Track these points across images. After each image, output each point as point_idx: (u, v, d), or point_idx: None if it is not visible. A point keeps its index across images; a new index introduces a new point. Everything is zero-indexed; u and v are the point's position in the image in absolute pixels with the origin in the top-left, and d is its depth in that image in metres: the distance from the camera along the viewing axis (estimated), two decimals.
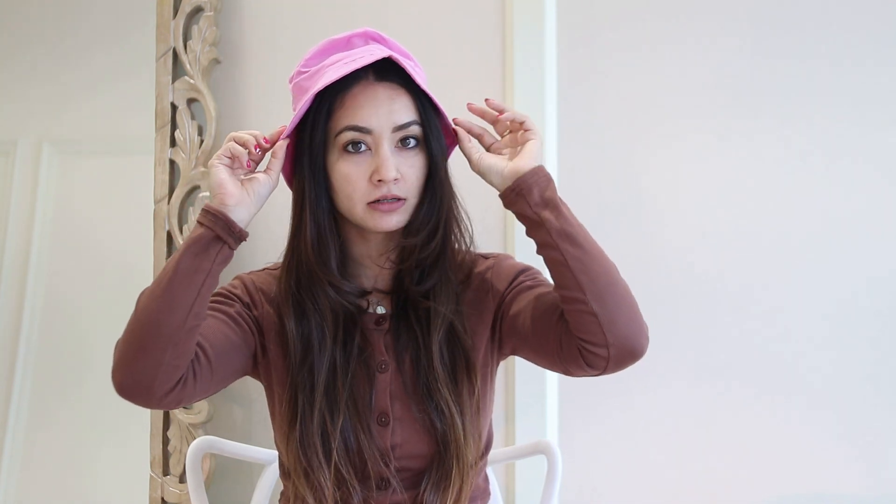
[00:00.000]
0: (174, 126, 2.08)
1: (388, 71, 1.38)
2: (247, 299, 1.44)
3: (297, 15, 2.10)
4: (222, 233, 1.30)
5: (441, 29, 2.05)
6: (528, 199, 1.35)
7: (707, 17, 2.01)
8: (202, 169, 2.06)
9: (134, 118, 2.16)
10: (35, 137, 2.26)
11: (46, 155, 2.25)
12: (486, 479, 1.54)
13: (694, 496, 2.00)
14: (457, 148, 1.45)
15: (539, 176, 1.36)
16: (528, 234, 1.38)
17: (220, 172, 1.33)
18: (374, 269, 1.45)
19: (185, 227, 2.06)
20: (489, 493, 1.55)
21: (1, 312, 2.23)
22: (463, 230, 1.44)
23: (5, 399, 2.20)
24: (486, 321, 1.45)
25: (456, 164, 1.43)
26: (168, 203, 2.06)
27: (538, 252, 1.37)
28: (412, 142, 1.38)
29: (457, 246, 1.44)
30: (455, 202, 1.43)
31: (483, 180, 1.41)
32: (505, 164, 1.38)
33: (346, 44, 1.41)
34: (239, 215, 1.32)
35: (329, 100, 1.37)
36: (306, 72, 1.40)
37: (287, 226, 1.44)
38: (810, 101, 1.99)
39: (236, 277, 1.49)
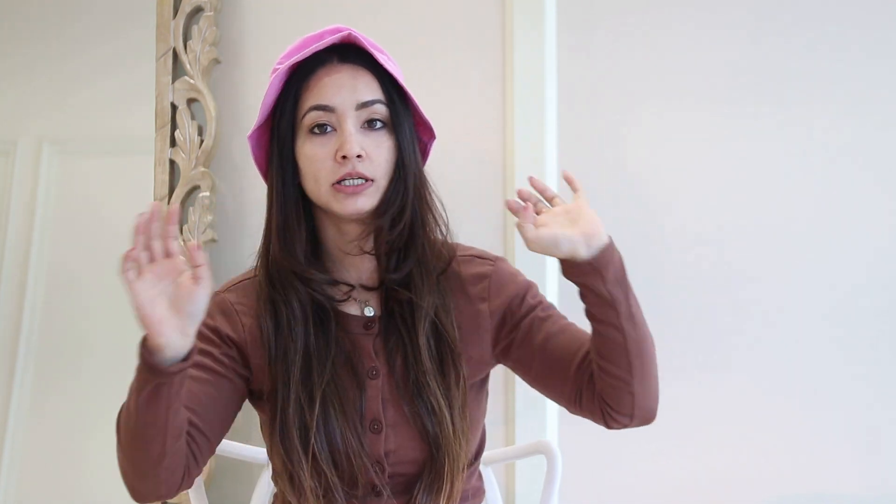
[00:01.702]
0: (174, 126, 2.08)
1: (353, 55, 1.39)
2: (225, 329, 1.40)
3: (297, 15, 2.10)
4: (164, 379, 1.20)
5: (441, 28, 2.04)
6: (604, 275, 1.29)
7: (707, 17, 2.01)
8: (202, 169, 2.06)
9: (134, 118, 2.15)
10: (35, 137, 2.25)
11: (46, 155, 2.25)
12: (479, 477, 1.53)
13: (694, 496, 1.99)
14: (436, 142, 1.46)
15: (615, 250, 1.31)
16: (586, 302, 1.32)
17: (140, 293, 1.17)
18: (348, 261, 1.42)
19: (184, 228, 2.06)
20: (483, 491, 1.54)
21: (1, 312, 2.23)
22: (437, 218, 1.43)
23: (5, 399, 2.20)
24: (482, 332, 1.43)
25: (447, 159, 1.42)
26: (168, 203, 2.06)
27: (589, 319, 1.33)
28: (378, 123, 1.37)
29: (432, 236, 1.42)
30: (426, 188, 1.41)
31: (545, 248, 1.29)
32: (575, 233, 1.29)
33: (318, 38, 1.41)
34: (178, 344, 1.19)
35: (296, 85, 1.38)
36: (279, 67, 1.41)
37: None
38: (812, 99, 1.98)
39: (212, 298, 1.42)
